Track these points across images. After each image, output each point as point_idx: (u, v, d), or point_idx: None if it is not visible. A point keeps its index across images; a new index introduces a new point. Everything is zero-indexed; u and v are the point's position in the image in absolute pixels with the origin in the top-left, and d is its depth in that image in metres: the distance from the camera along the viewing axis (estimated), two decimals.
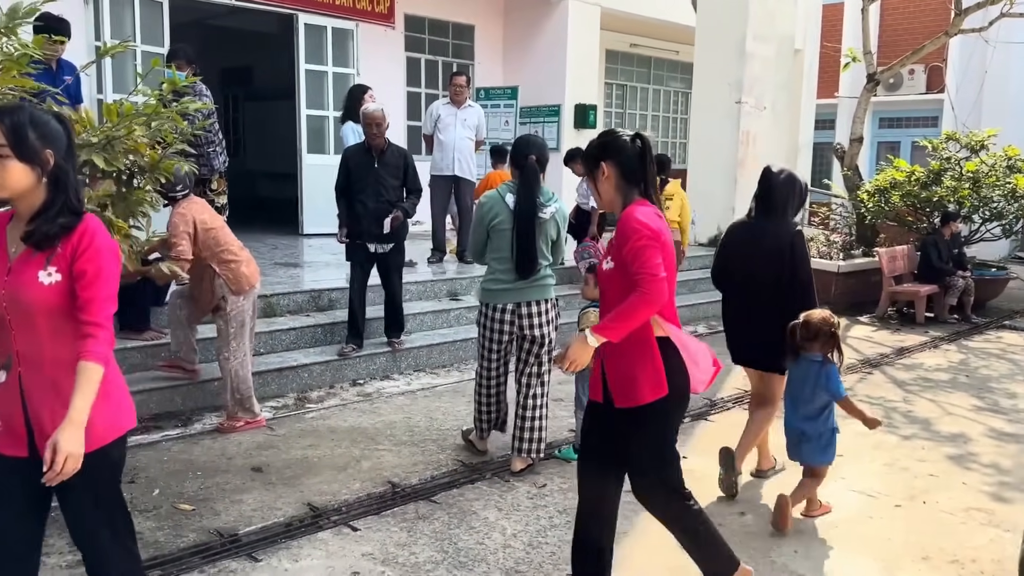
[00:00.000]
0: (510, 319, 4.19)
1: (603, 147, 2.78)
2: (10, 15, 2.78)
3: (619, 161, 2.74)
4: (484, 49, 12.08)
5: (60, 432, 2.02)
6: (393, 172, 5.67)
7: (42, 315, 2.11)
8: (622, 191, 2.76)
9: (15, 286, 2.11)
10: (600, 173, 2.77)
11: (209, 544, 3.36)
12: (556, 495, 3.98)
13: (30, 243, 2.10)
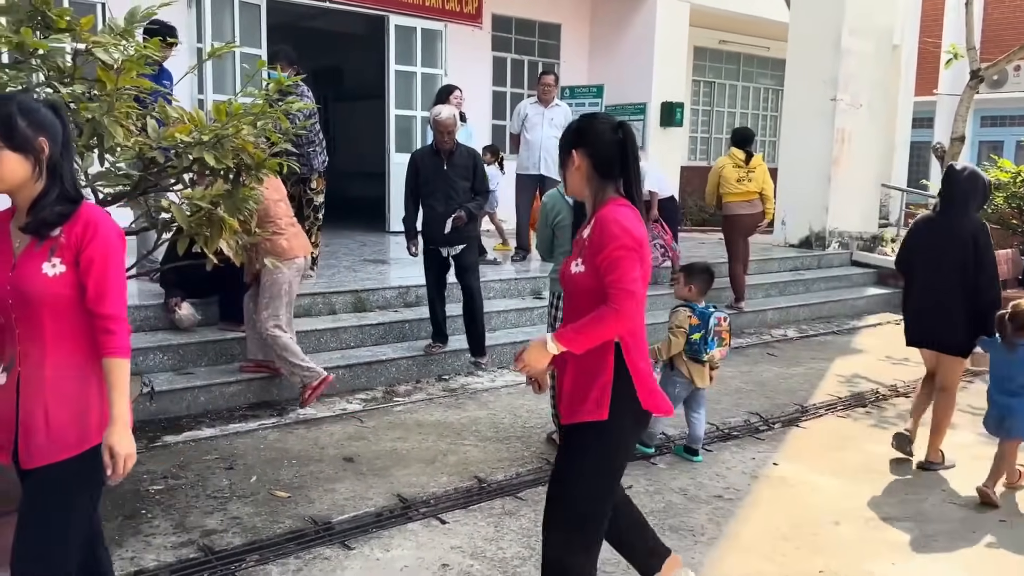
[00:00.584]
0: None
1: (578, 133, 2.50)
2: (128, 18, 2.92)
3: (593, 152, 2.46)
4: (570, 48, 12.06)
5: (111, 435, 2.04)
6: (462, 174, 5.60)
7: (47, 309, 2.05)
8: (593, 185, 2.48)
9: (19, 280, 2.06)
10: (570, 162, 2.48)
11: (304, 531, 3.46)
12: (643, 496, 3.94)
13: (28, 232, 2.06)
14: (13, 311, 2.08)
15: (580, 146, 2.46)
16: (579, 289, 2.46)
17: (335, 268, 7.39)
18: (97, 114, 2.65)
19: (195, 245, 3.12)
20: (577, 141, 2.48)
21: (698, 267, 4.59)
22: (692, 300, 4.46)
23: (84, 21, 2.74)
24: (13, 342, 2.11)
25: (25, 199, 2.07)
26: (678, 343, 4.37)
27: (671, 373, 4.46)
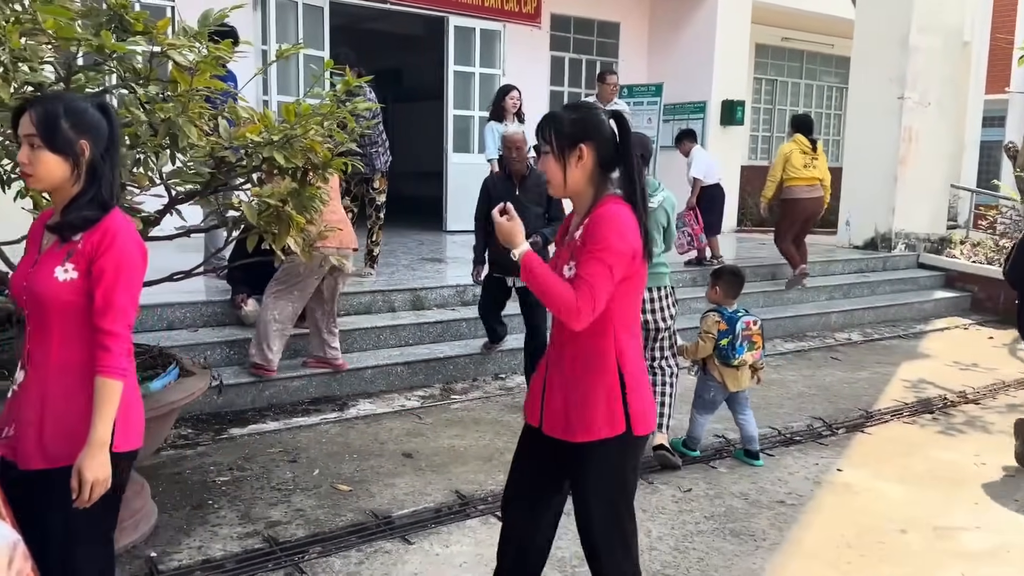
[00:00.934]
0: None
1: (583, 124, 2.24)
2: (201, 21, 3.00)
3: (598, 144, 2.23)
4: (629, 46, 11.99)
5: (84, 457, 1.94)
6: (535, 199, 5.12)
7: (55, 313, 2.02)
8: (595, 182, 2.26)
9: (34, 279, 2.04)
10: (574, 156, 2.22)
11: (365, 524, 3.51)
12: (702, 500, 3.90)
13: (52, 232, 2.06)
14: (27, 308, 2.09)
15: (587, 138, 2.22)
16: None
17: (394, 267, 7.48)
18: (172, 114, 2.73)
19: (263, 242, 3.19)
20: (584, 132, 2.22)
21: (726, 270, 4.53)
22: (721, 303, 4.40)
23: (160, 24, 2.82)
24: (29, 339, 2.11)
25: (62, 199, 2.06)
26: (705, 348, 4.33)
27: (705, 377, 4.43)
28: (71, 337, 2.04)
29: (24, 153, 2.00)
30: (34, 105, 2.02)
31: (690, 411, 4.50)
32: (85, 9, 2.92)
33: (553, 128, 2.24)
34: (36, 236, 2.15)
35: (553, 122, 2.25)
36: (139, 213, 2.82)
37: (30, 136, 1.99)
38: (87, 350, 2.02)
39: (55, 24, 2.50)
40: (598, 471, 2.26)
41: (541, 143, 2.25)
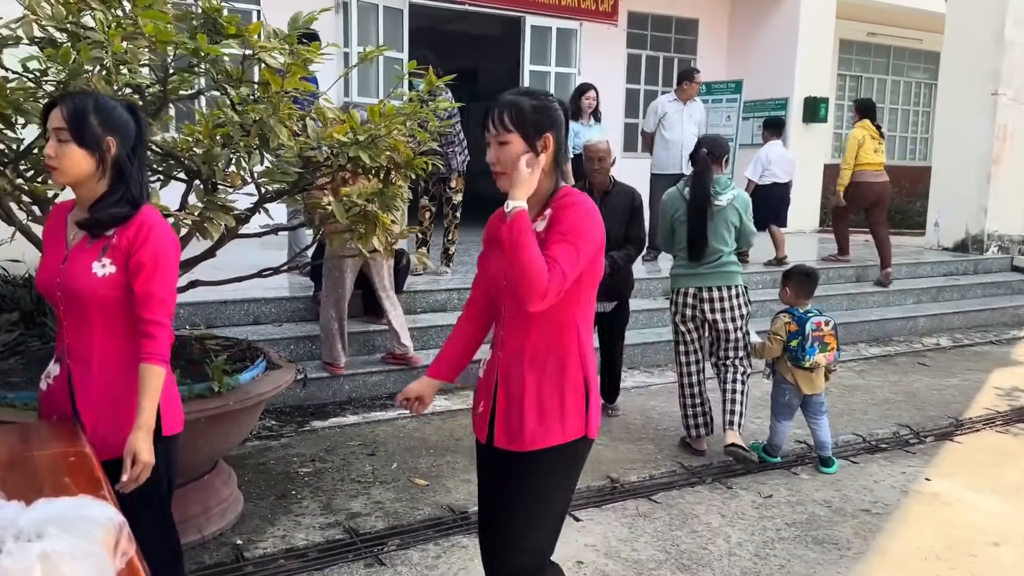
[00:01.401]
0: (692, 303, 4.38)
1: (546, 112, 2.06)
2: (291, 24, 3.08)
3: (557, 134, 2.08)
4: (708, 43, 11.81)
5: (136, 440, 1.99)
6: (619, 216, 4.58)
7: (95, 308, 2.07)
8: (554, 174, 2.12)
9: (69, 275, 2.07)
10: (540, 146, 2.04)
11: (442, 519, 3.55)
12: (783, 507, 3.82)
13: (83, 228, 2.09)
14: (61, 304, 2.12)
15: (552, 127, 2.05)
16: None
17: (469, 265, 7.53)
18: (264, 115, 2.81)
19: (349, 241, 3.26)
20: (549, 121, 2.05)
21: (796, 270, 4.40)
22: (793, 304, 4.28)
23: (252, 27, 2.90)
24: (62, 336, 2.16)
25: (87, 195, 2.10)
26: (773, 349, 4.24)
27: (778, 380, 4.32)
28: (114, 330, 2.10)
29: (51, 146, 2.05)
30: (65, 100, 2.06)
31: (770, 418, 4.40)
32: (180, 13, 3.04)
33: (516, 114, 2.03)
34: (57, 232, 2.17)
35: (514, 108, 2.04)
36: (232, 211, 2.91)
37: (59, 130, 2.03)
38: (131, 341, 2.09)
39: (154, 28, 2.60)
40: (553, 476, 2.10)
41: (498, 129, 2.04)
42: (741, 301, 4.37)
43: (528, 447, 2.07)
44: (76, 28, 2.75)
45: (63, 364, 2.16)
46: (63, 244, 2.13)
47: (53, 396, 2.18)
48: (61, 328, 2.15)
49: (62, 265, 2.10)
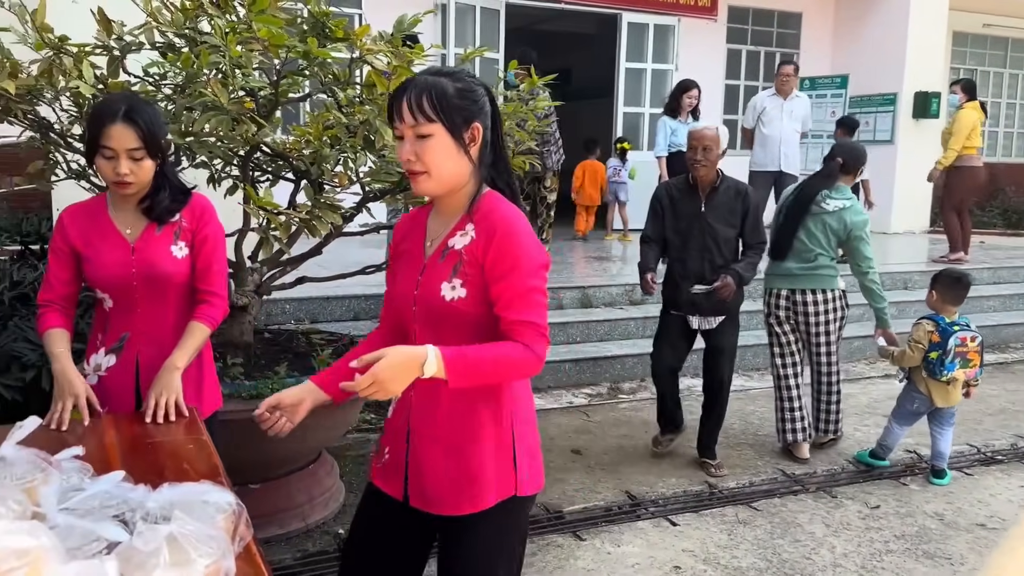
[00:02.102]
0: (785, 304, 4.31)
1: (472, 97, 1.69)
2: (397, 26, 3.14)
3: (485, 125, 1.72)
4: (811, 37, 11.44)
5: (161, 376, 2.14)
6: (726, 218, 3.94)
7: (173, 289, 2.25)
8: (481, 171, 1.74)
9: (148, 263, 2.22)
10: (468, 136, 1.68)
11: (536, 517, 3.55)
12: (891, 519, 3.66)
13: (152, 218, 2.24)
14: (136, 292, 2.23)
15: (479, 116, 1.69)
16: (454, 320, 1.71)
17: (561, 264, 7.53)
18: (370, 117, 2.87)
19: None
20: (477, 108, 1.69)
21: (944, 274, 4.10)
22: (939, 311, 4.02)
23: (360, 31, 2.97)
24: (127, 322, 2.25)
25: (139, 192, 2.23)
26: (912, 358, 4.00)
27: (910, 387, 4.11)
28: (185, 309, 2.30)
29: (126, 166, 2.13)
30: (131, 120, 2.11)
31: (888, 419, 4.23)
32: (289, 18, 3.14)
33: (438, 99, 1.64)
34: (100, 229, 2.26)
35: (435, 91, 1.64)
36: (339, 210, 2.99)
37: (133, 150, 2.12)
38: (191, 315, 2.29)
39: (268, 32, 2.69)
40: (484, 544, 1.78)
41: (416, 119, 1.63)
42: (835, 306, 4.21)
43: (449, 511, 1.75)
44: (193, 33, 2.88)
45: (124, 353, 2.26)
46: (119, 236, 2.24)
47: (110, 386, 2.26)
48: (127, 316, 2.25)
49: (132, 256, 2.22)
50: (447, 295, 1.68)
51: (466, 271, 1.68)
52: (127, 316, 2.26)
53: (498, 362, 1.63)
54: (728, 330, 4.07)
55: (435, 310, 1.70)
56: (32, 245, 4.89)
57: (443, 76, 1.69)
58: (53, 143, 3.10)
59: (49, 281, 2.26)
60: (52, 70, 2.72)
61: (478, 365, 1.61)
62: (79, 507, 1.38)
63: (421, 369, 1.56)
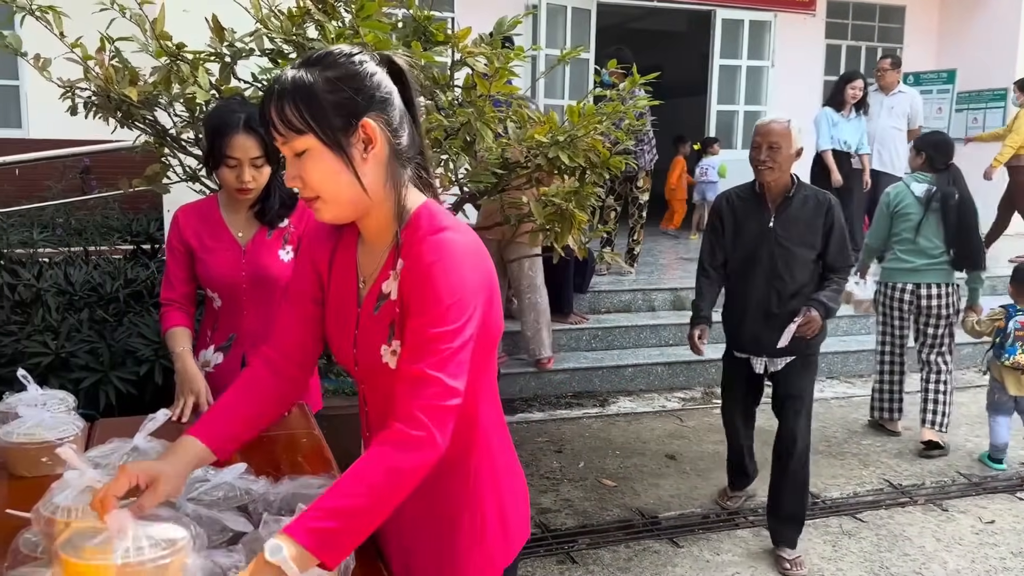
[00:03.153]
0: (909, 298, 4.38)
1: (352, 82, 1.27)
2: (496, 28, 3.16)
3: (386, 116, 1.30)
4: (915, 30, 10.96)
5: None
6: (803, 236, 3.17)
7: (280, 292, 2.28)
8: (394, 183, 1.32)
9: (258, 265, 2.28)
10: (360, 141, 1.28)
11: (631, 522, 3.52)
12: (1008, 534, 3.47)
13: (263, 223, 2.31)
14: (244, 293, 2.29)
15: (369, 107, 1.28)
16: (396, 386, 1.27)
17: (652, 266, 7.44)
18: (471, 119, 2.89)
19: (545, 239, 3.30)
20: (361, 98, 1.27)
21: (1018, 268, 4.20)
22: (1018, 303, 4.13)
23: (461, 34, 3.00)
24: (235, 322, 2.31)
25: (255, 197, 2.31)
26: (977, 330, 4.26)
27: (991, 378, 4.29)
28: None
29: (249, 173, 2.21)
30: (252, 129, 2.17)
31: (990, 418, 4.28)
32: (391, 23, 3.19)
33: (300, 100, 1.25)
34: (210, 231, 2.33)
35: (298, 92, 1.25)
36: None
37: (255, 159, 2.20)
38: None
39: (375, 38, 2.74)
40: None
41: (284, 134, 1.27)
42: (952, 299, 4.35)
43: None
44: (301, 39, 2.96)
45: (233, 351, 2.33)
46: (231, 238, 2.31)
47: (217, 382, 2.28)
48: (234, 317, 2.32)
49: (243, 259, 2.29)
50: (390, 362, 1.32)
51: (402, 327, 1.30)
52: (235, 316, 2.33)
53: (375, 497, 1.17)
54: (800, 373, 3.26)
55: (381, 375, 1.34)
56: (143, 245, 5.13)
57: (310, 67, 1.27)
58: (168, 147, 3.24)
59: (169, 280, 2.35)
60: (169, 77, 2.84)
61: (349, 526, 1.15)
62: (205, 497, 1.44)
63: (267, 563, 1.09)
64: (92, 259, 4.66)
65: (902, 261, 4.38)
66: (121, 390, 3.22)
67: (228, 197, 2.35)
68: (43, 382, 2.53)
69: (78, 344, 3.26)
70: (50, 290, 3.78)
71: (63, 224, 6.52)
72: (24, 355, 3.16)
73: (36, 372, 2.83)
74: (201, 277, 2.34)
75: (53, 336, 3.28)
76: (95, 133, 3.59)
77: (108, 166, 7.32)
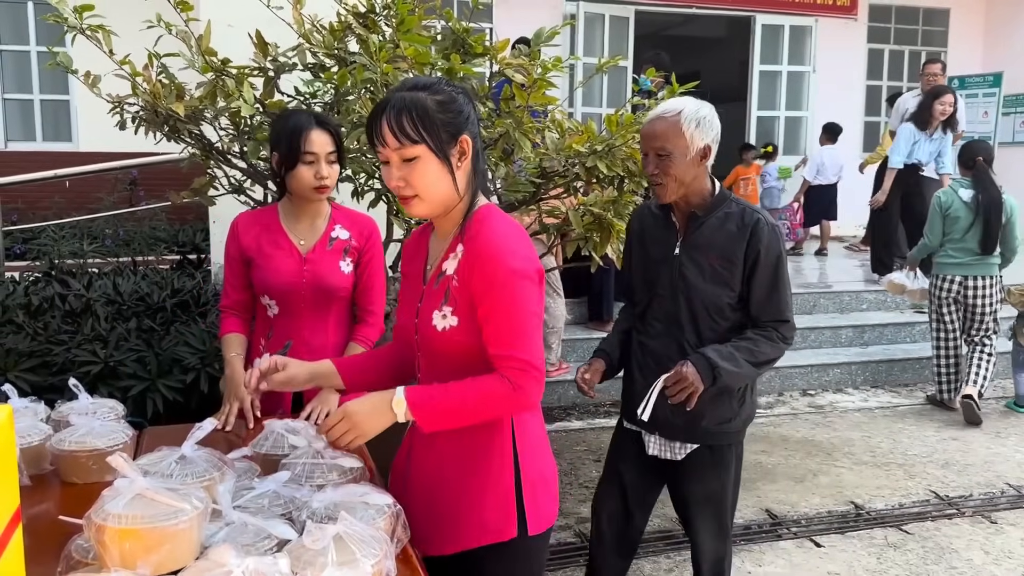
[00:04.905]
0: (957, 288, 5.04)
1: (455, 107, 1.56)
2: (535, 39, 3.17)
3: (474, 135, 1.61)
4: (960, 33, 10.76)
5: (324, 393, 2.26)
6: (713, 270, 2.25)
7: (337, 302, 2.37)
8: (471, 187, 1.64)
9: (318, 275, 2.33)
10: (456, 152, 1.58)
11: (671, 532, 3.49)
12: None
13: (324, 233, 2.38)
14: (303, 301, 2.34)
15: (467, 128, 1.58)
16: (448, 351, 1.61)
17: None
18: (510, 129, 2.91)
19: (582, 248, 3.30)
20: (463, 119, 1.57)
21: None
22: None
23: (499, 45, 3.03)
24: (292, 330, 2.33)
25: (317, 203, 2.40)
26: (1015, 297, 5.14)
27: (1016, 342, 5.22)
28: (343, 320, 2.43)
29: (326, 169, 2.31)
30: (324, 125, 2.32)
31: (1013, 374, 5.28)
32: (431, 36, 3.23)
33: (418, 117, 1.52)
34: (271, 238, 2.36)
35: (415, 109, 1.53)
36: None
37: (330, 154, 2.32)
38: (349, 332, 2.43)
39: (415, 51, 2.78)
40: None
41: (400, 141, 1.52)
42: (996, 289, 5.01)
43: (432, 551, 1.63)
44: (343, 53, 3.01)
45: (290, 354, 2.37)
46: (291, 245, 2.35)
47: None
48: (290, 324, 2.34)
49: (304, 267, 2.33)
50: (438, 324, 1.60)
51: (455, 297, 1.58)
52: (291, 324, 2.35)
53: (473, 403, 1.53)
54: (708, 469, 2.34)
55: (430, 340, 1.62)
56: (189, 255, 5.24)
57: (421, 90, 1.56)
58: (214, 159, 3.31)
59: (226, 288, 2.42)
60: (215, 91, 2.91)
61: (448, 408, 1.54)
62: (250, 505, 1.47)
63: (392, 411, 1.53)
64: (140, 269, 4.77)
65: (951, 257, 5.03)
66: (168, 398, 3.29)
67: (292, 205, 2.38)
68: (92, 390, 2.60)
69: (126, 353, 3.33)
70: (99, 300, 3.88)
71: (112, 235, 6.68)
72: (74, 364, 3.24)
73: (85, 380, 2.90)
74: (258, 283, 2.37)
75: (102, 345, 3.35)
76: (141, 146, 3.69)
77: (154, 178, 7.50)
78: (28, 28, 8.42)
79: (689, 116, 2.20)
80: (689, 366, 2.16)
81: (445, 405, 1.54)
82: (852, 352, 5.97)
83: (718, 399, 2.25)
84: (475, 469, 1.62)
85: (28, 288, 4.12)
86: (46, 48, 4.08)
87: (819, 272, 7.91)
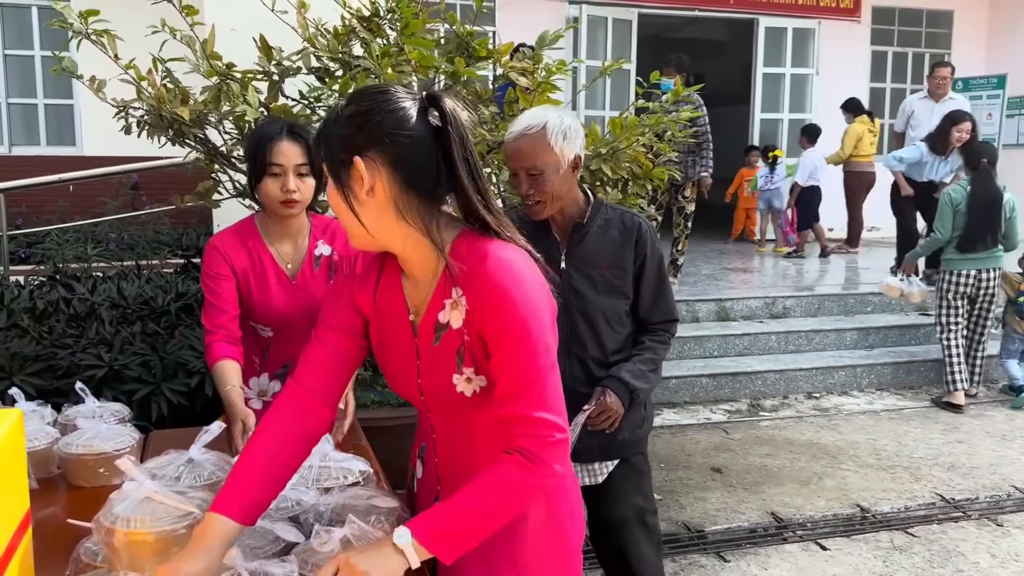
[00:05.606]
0: (969, 282, 5.26)
1: (357, 122, 1.26)
2: (539, 43, 3.17)
3: (391, 153, 1.25)
4: (964, 35, 10.76)
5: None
6: (605, 279, 2.22)
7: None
8: (411, 213, 1.28)
9: (310, 300, 2.27)
10: (351, 180, 1.26)
11: (677, 535, 3.48)
12: None
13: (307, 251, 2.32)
14: (296, 324, 2.21)
15: (371, 147, 1.25)
16: (479, 411, 1.37)
17: (696, 276, 7.38)
18: None
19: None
20: (359, 138, 1.25)
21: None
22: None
23: (503, 48, 3.03)
24: (288, 351, 2.23)
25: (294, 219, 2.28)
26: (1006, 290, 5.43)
27: (1008, 331, 5.46)
28: None
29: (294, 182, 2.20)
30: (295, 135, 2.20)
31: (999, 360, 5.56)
32: (435, 40, 3.23)
33: (322, 130, 1.32)
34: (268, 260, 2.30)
35: (322, 128, 1.32)
36: None
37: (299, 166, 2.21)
38: None
39: (419, 55, 2.78)
40: None
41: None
42: (999, 281, 5.33)
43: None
44: (347, 57, 3.01)
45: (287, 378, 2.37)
46: (282, 274, 2.27)
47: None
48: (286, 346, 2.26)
49: (294, 293, 2.27)
50: (465, 390, 1.34)
51: (472, 356, 1.32)
52: (287, 345, 2.26)
53: (493, 506, 1.26)
54: (627, 482, 2.32)
55: (453, 403, 1.37)
56: (193, 259, 5.24)
57: (348, 101, 1.31)
58: (219, 163, 3.32)
59: (210, 310, 2.20)
60: (219, 96, 2.91)
61: (465, 527, 1.25)
62: None
63: (400, 554, 1.21)
64: (144, 273, 4.77)
65: (963, 252, 5.24)
66: (172, 401, 3.30)
67: (270, 222, 2.26)
68: (97, 394, 2.60)
69: (131, 357, 3.34)
70: (104, 304, 3.88)
71: (116, 239, 6.69)
72: (79, 367, 3.25)
73: (90, 384, 2.89)
74: (250, 313, 2.26)
75: (107, 349, 3.36)
76: (144, 150, 3.70)
77: (156, 182, 7.51)
78: (32, 33, 8.45)
79: (555, 129, 2.07)
80: (609, 394, 2.14)
81: (460, 527, 1.25)
82: (857, 355, 5.96)
83: (629, 410, 2.21)
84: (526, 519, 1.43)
85: (33, 292, 4.13)
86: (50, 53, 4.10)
87: (823, 274, 7.92)
